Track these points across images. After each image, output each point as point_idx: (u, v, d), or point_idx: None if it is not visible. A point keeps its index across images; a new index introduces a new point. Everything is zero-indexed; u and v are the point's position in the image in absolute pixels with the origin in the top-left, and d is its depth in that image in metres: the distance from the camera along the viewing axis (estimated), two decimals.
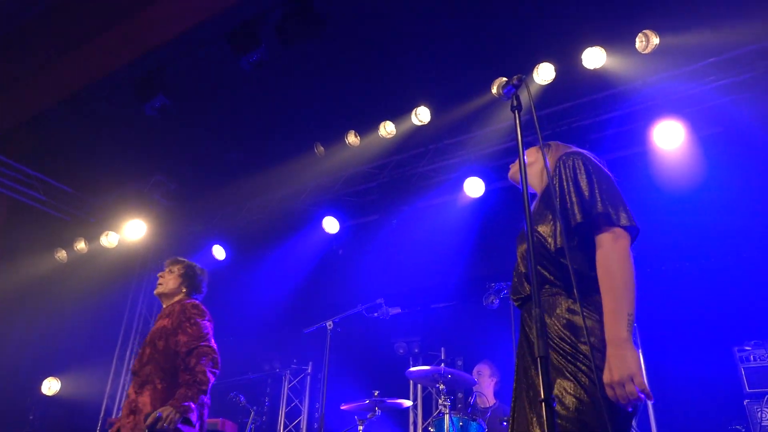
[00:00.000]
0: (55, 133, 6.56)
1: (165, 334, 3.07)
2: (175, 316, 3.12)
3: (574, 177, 1.77)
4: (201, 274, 3.49)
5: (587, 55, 4.96)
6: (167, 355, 2.99)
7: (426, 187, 6.34)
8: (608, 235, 1.67)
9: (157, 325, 3.17)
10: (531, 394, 1.68)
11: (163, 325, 3.11)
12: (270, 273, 7.21)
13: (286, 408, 6.82)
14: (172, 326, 3.07)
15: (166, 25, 5.29)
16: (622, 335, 1.55)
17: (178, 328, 3.06)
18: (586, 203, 1.70)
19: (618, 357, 1.53)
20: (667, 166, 5.12)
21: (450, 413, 4.19)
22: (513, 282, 1.97)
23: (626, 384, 1.49)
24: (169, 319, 3.12)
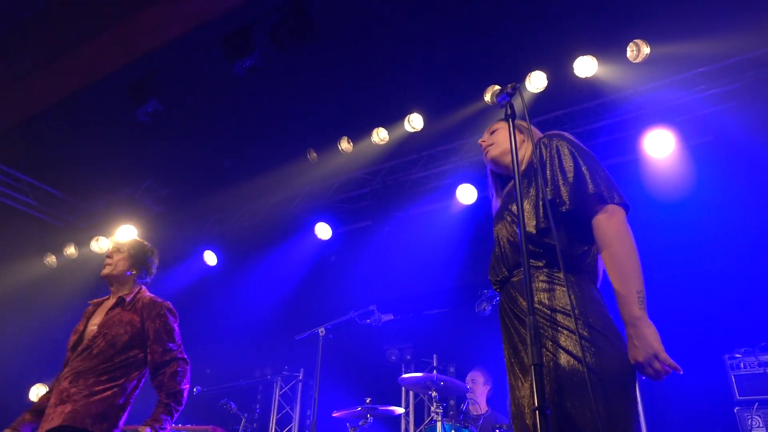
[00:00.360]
0: (46, 137, 6.52)
1: (130, 331, 2.84)
2: (147, 314, 2.90)
3: (559, 159, 1.75)
4: (151, 254, 3.25)
5: (579, 64, 5.00)
6: (124, 352, 2.79)
7: (419, 193, 6.35)
8: (603, 215, 1.66)
9: (110, 315, 2.89)
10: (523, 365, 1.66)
11: (128, 320, 2.86)
12: (262, 279, 7.18)
13: (278, 415, 6.78)
14: (142, 326, 2.86)
15: (159, 30, 5.28)
16: (636, 314, 1.53)
17: (153, 333, 2.85)
18: (575, 185, 1.68)
19: (637, 337, 1.51)
20: (657, 175, 5.16)
21: (442, 420, 4.18)
22: (491, 264, 1.94)
23: (652, 362, 1.48)
24: (133, 315, 2.89)
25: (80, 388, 2.64)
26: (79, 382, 2.67)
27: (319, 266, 7.07)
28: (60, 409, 2.59)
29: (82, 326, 2.93)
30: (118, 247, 3.12)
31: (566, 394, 1.48)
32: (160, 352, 2.81)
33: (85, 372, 2.70)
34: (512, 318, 1.73)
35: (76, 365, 2.73)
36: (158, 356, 2.81)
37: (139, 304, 2.94)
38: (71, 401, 2.60)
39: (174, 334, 2.92)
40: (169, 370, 2.79)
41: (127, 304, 2.93)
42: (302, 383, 6.93)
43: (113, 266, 3.04)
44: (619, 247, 1.60)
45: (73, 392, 2.63)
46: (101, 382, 2.68)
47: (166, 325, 2.91)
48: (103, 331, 2.80)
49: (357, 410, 4.54)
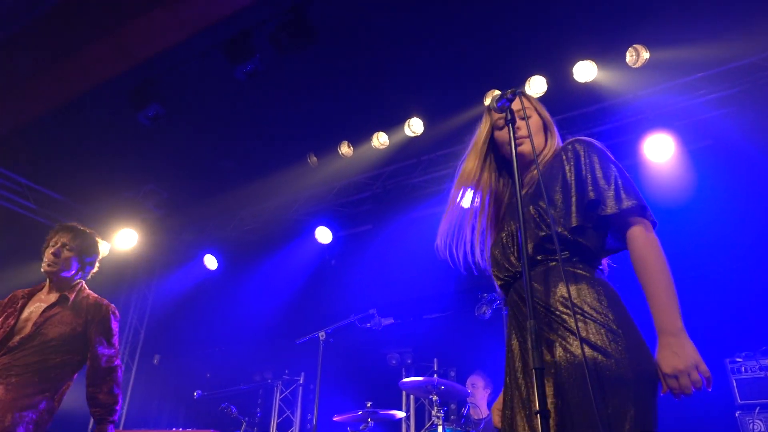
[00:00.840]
0: (47, 141, 6.54)
1: (71, 333, 2.66)
2: (91, 317, 2.73)
3: (601, 163, 1.76)
4: (99, 251, 2.98)
5: (578, 69, 5.02)
6: (60, 355, 2.61)
7: (419, 197, 6.36)
8: (640, 228, 1.67)
9: (49, 314, 2.68)
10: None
11: (69, 321, 2.68)
12: (262, 283, 7.18)
13: (278, 419, 6.77)
14: (85, 329, 2.69)
15: (160, 35, 5.30)
16: (678, 324, 1.53)
17: (96, 337, 2.69)
18: (617, 191, 1.69)
19: (679, 345, 1.50)
20: (657, 179, 5.17)
21: (443, 424, 4.18)
22: (494, 257, 1.89)
23: (692, 372, 1.48)
24: (76, 316, 2.70)
25: (9, 389, 2.45)
26: (9, 381, 2.47)
27: (319, 270, 7.08)
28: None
29: (12, 320, 2.66)
30: (66, 244, 2.81)
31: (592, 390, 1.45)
32: (100, 359, 2.66)
33: (16, 370, 2.50)
34: (520, 320, 1.72)
35: (6, 361, 2.52)
36: (99, 363, 2.66)
37: (83, 304, 2.76)
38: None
39: (113, 339, 2.78)
40: (106, 384, 2.66)
41: (70, 303, 2.74)
42: (303, 387, 6.93)
43: (59, 266, 2.77)
44: (661, 262, 1.64)
45: (1, 392, 2.45)
46: (33, 384, 2.51)
47: (109, 330, 2.76)
48: (42, 330, 2.60)
49: (358, 414, 4.54)
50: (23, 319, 2.67)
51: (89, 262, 2.91)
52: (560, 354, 1.54)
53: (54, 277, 2.79)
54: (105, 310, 2.80)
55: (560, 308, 1.60)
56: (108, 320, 2.77)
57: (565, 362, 1.52)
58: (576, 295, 1.61)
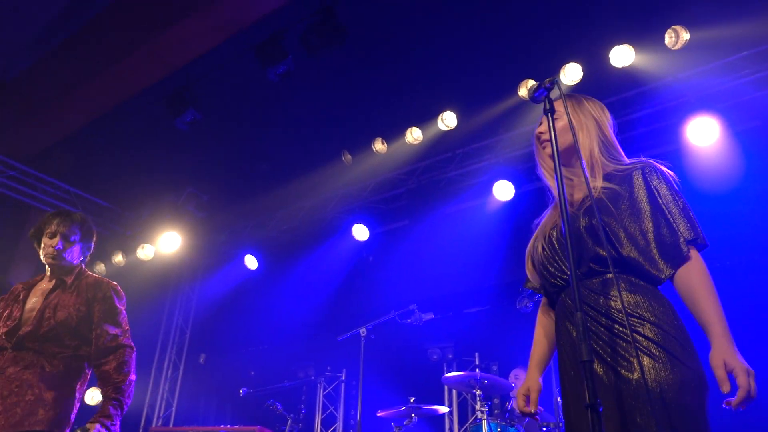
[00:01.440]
0: (91, 150, 6.77)
1: (76, 316, 2.53)
2: (91, 295, 2.61)
3: (672, 196, 1.76)
4: (94, 233, 2.85)
5: (615, 54, 4.90)
6: (68, 339, 2.49)
7: (455, 191, 6.32)
8: (695, 257, 1.67)
9: (49, 300, 2.56)
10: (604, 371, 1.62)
11: (71, 303, 2.56)
12: (302, 281, 7.27)
13: (322, 415, 6.86)
14: (88, 309, 2.57)
15: (194, 42, 5.42)
16: (733, 348, 1.54)
17: (98, 316, 2.56)
18: (687, 226, 1.70)
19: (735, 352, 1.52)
20: (702, 164, 5.00)
21: (488, 419, 4.16)
22: (543, 265, 1.86)
23: (751, 378, 1.47)
24: (76, 297, 2.58)
25: (27, 381, 2.35)
26: (26, 373, 2.37)
27: (357, 267, 7.12)
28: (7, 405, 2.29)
29: (17, 312, 2.56)
30: (67, 235, 2.68)
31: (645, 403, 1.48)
32: (104, 338, 2.51)
33: (31, 362, 2.41)
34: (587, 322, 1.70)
35: (19, 354, 2.42)
36: (103, 341, 2.51)
37: (83, 285, 2.65)
38: (20, 399, 2.30)
39: (119, 318, 2.62)
40: (114, 360, 2.49)
41: (69, 286, 2.62)
42: (345, 384, 6.99)
43: (63, 258, 2.66)
44: (711, 285, 1.64)
45: (19, 387, 2.33)
46: (52, 374, 2.41)
47: (112, 308, 2.61)
48: (46, 316, 2.49)
49: (401, 409, 4.56)
50: (28, 310, 2.56)
51: (88, 247, 2.81)
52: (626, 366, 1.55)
53: (56, 268, 2.68)
54: (105, 287, 2.66)
55: (628, 319, 1.61)
56: (110, 298, 2.63)
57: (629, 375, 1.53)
58: (633, 306, 1.62)
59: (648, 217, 1.70)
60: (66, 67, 6.10)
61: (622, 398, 1.52)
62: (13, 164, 6.76)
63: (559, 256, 1.82)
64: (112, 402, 2.40)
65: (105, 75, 5.90)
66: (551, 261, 1.84)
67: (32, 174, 6.93)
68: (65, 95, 6.24)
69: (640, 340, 1.56)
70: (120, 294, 2.71)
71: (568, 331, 1.73)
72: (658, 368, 1.51)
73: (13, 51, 6.11)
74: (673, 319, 1.61)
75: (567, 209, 1.56)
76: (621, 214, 1.73)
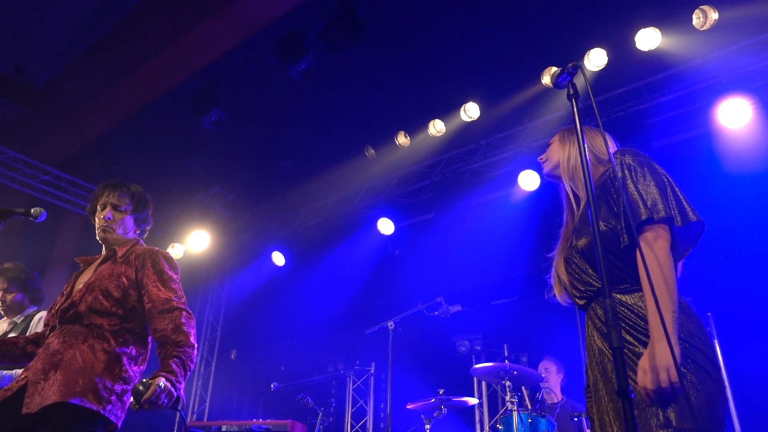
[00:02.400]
0: (119, 152, 6.91)
1: (124, 284, 2.36)
2: (140, 263, 2.42)
3: (644, 177, 1.74)
4: (148, 204, 2.65)
5: (641, 37, 4.80)
6: (119, 311, 2.31)
7: (479, 183, 6.28)
8: (651, 235, 1.66)
9: (99, 271, 2.40)
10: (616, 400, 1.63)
11: (119, 272, 2.38)
12: (329, 276, 7.32)
13: (352, 408, 6.91)
14: (136, 276, 2.39)
15: (217, 41, 5.48)
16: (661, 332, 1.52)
17: (149, 283, 2.37)
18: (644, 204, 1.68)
19: (659, 350, 1.51)
20: (734, 147, 4.87)
21: (518, 410, 4.14)
22: (566, 280, 1.89)
23: (661, 372, 1.48)
24: (126, 267, 2.41)
25: (80, 355, 2.17)
26: (78, 346, 2.20)
27: (384, 261, 7.13)
28: (53, 379, 2.11)
29: (69, 287, 2.46)
30: (117, 205, 2.51)
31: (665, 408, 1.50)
32: (157, 301, 2.32)
33: (82, 335, 2.23)
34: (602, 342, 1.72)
35: (69, 328, 2.27)
36: (155, 305, 2.31)
37: (132, 255, 2.46)
38: (64, 368, 2.13)
39: (172, 284, 2.40)
40: (170, 322, 2.26)
41: (119, 257, 2.45)
42: (374, 377, 7.03)
43: (114, 230, 2.49)
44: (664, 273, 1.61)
45: (67, 357, 2.17)
46: (103, 349, 2.22)
47: (161, 272, 2.40)
48: (95, 287, 2.33)
49: (431, 401, 4.57)
50: (78, 282, 2.45)
51: (143, 219, 2.62)
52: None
53: (109, 241, 2.51)
54: (156, 254, 2.46)
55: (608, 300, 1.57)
56: (159, 263, 2.42)
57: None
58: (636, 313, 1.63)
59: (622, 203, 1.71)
60: (93, 73, 6.23)
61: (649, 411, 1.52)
62: (46, 169, 6.94)
63: (584, 271, 1.82)
64: (174, 359, 2.15)
65: (131, 78, 6.02)
66: (579, 274, 1.85)
67: (64, 178, 7.11)
68: (94, 100, 6.38)
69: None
70: (173, 263, 2.49)
71: (596, 343, 1.75)
72: (685, 380, 1.51)
73: (43, 58, 6.27)
74: (697, 331, 1.60)
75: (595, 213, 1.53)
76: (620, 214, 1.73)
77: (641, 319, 1.63)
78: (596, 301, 1.79)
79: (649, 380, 1.48)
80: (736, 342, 4.44)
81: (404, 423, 5.42)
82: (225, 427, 5.12)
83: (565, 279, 1.91)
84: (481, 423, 6.03)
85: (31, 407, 2.03)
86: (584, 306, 1.85)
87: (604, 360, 1.70)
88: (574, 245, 1.87)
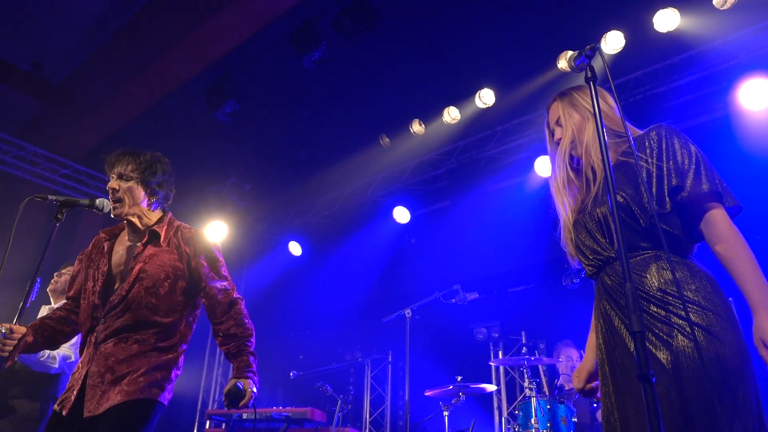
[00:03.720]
0: (136, 145, 6.93)
1: (173, 274, 2.24)
2: (191, 251, 2.31)
3: (682, 147, 1.70)
4: (164, 168, 2.42)
5: (659, 18, 4.71)
6: (164, 301, 2.21)
7: (495, 169, 6.24)
8: (719, 213, 1.64)
9: (145, 256, 2.25)
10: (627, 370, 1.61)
11: (168, 262, 2.25)
12: (345, 265, 7.35)
13: (371, 396, 6.96)
14: (186, 265, 2.29)
15: (231, 32, 5.49)
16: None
17: (201, 270, 2.29)
18: (695, 176, 1.65)
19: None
20: (755, 129, 4.77)
21: (537, 396, 4.14)
22: (580, 248, 1.85)
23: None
24: (169, 252, 2.29)
25: (123, 348, 2.12)
26: (125, 343, 2.14)
27: (400, 249, 7.14)
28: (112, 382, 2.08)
29: (104, 266, 2.28)
30: (123, 174, 2.32)
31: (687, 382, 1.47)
32: (216, 295, 2.30)
33: (126, 327, 2.15)
34: (622, 300, 1.67)
35: (113, 323, 2.16)
36: (216, 299, 2.30)
37: (177, 238, 2.33)
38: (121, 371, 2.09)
39: (222, 270, 2.37)
40: (232, 318, 2.32)
41: (163, 241, 2.30)
42: (392, 365, 7.07)
43: (123, 201, 2.30)
44: (743, 245, 1.60)
45: (121, 357, 2.11)
46: (146, 341, 2.17)
47: (214, 261, 2.35)
48: (141, 276, 2.20)
49: (449, 388, 4.58)
50: (116, 265, 2.28)
51: (157, 184, 2.37)
52: (673, 344, 1.52)
53: (126, 216, 2.32)
54: (203, 240, 2.36)
55: (664, 298, 1.58)
56: (210, 250, 2.35)
57: (675, 354, 1.50)
58: (678, 283, 1.58)
59: (664, 177, 1.67)
60: (110, 67, 6.29)
61: (659, 378, 1.49)
62: (66, 162, 7.04)
63: (593, 237, 1.80)
64: (251, 355, 2.29)
65: (147, 72, 6.06)
66: (589, 241, 1.82)
67: (84, 171, 7.21)
68: (111, 94, 6.45)
69: (675, 320, 1.54)
70: (218, 246, 2.43)
71: (607, 313, 1.72)
72: (692, 347, 1.49)
73: (60, 54, 6.34)
74: (711, 294, 1.57)
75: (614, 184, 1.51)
76: (639, 185, 1.69)
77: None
78: (604, 270, 1.76)
79: None
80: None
81: (422, 410, 5.45)
82: (246, 415, 5.19)
83: (573, 246, 1.90)
84: (499, 410, 6.04)
85: (93, 411, 2.04)
86: (594, 275, 1.83)
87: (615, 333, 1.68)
88: (590, 212, 1.84)
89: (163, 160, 2.44)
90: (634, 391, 1.57)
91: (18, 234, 2.19)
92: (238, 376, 2.19)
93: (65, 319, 2.40)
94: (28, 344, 2.24)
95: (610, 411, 1.66)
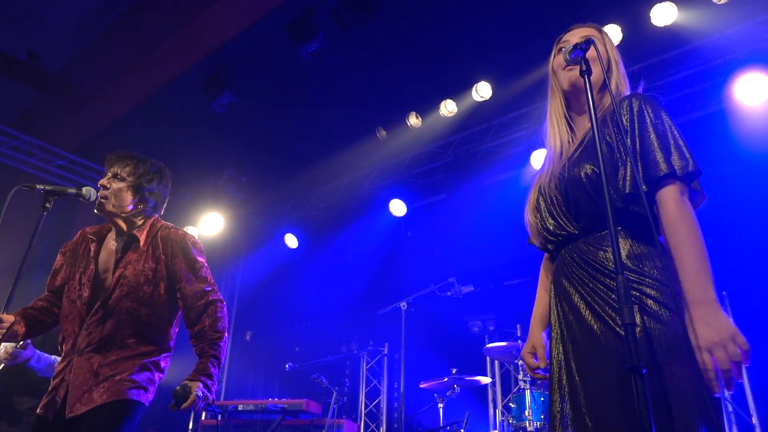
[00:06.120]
0: (132, 136, 6.95)
1: (153, 279, 2.27)
2: (169, 253, 2.33)
3: (655, 122, 1.62)
4: (159, 178, 2.42)
5: (656, 12, 4.71)
6: (150, 307, 2.25)
7: (492, 163, 6.25)
8: (673, 190, 1.53)
9: (125, 260, 2.28)
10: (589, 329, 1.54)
11: (148, 267, 2.28)
12: (341, 258, 7.36)
13: (366, 388, 6.99)
14: (166, 268, 2.31)
15: (228, 22, 5.46)
16: (710, 294, 1.42)
17: (181, 275, 2.31)
18: (664, 155, 1.56)
19: (712, 316, 1.39)
20: (751, 124, 4.79)
21: (531, 389, 4.17)
22: (541, 221, 1.78)
23: (728, 345, 1.35)
24: (148, 256, 2.31)
25: (105, 355, 2.17)
26: (108, 348, 2.18)
27: (396, 242, 7.15)
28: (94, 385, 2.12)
29: (92, 265, 2.30)
30: (118, 174, 2.32)
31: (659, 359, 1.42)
32: (192, 296, 2.31)
33: (108, 332, 2.18)
34: (584, 277, 1.61)
35: (95, 328, 2.18)
36: (191, 302, 2.30)
37: (158, 243, 2.34)
38: (105, 373, 2.14)
39: (203, 271, 2.37)
40: (207, 318, 2.30)
41: (142, 245, 2.31)
42: (387, 357, 7.10)
43: (110, 201, 2.29)
44: (690, 227, 1.49)
45: (104, 362, 2.16)
46: (131, 345, 2.21)
47: (192, 262, 2.35)
48: (122, 281, 2.23)
49: (444, 381, 4.61)
50: (101, 271, 2.31)
51: (149, 192, 2.36)
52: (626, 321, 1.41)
53: (109, 216, 2.33)
54: (183, 240, 2.36)
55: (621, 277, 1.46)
56: (188, 251, 2.35)
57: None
58: (632, 264, 1.53)
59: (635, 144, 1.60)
60: (106, 57, 6.25)
61: (620, 355, 1.45)
62: (61, 153, 7.01)
63: (559, 210, 1.73)
64: (211, 360, 2.24)
65: (144, 62, 6.03)
66: (551, 216, 1.75)
67: (80, 162, 7.18)
68: (107, 85, 6.42)
69: (638, 296, 1.48)
70: (199, 246, 2.42)
71: (565, 290, 1.66)
72: (654, 325, 1.44)
73: (56, 44, 6.30)
74: (669, 271, 1.49)
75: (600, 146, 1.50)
76: (613, 160, 1.62)
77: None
78: (567, 247, 1.69)
79: (721, 358, 1.35)
80: (749, 324, 4.41)
81: (418, 402, 5.48)
82: (241, 407, 5.21)
83: (534, 219, 1.83)
84: (494, 402, 6.08)
85: (76, 411, 2.09)
86: (554, 251, 1.77)
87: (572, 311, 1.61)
88: (556, 184, 1.76)
89: (164, 172, 2.46)
90: (593, 370, 1.52)
91: (11, 224, 2.20)
92: (190, 378, 2.20)
93: (47, 310, 2.43)
94: (18, 334, 2.28)
95: (560, 386, 1.60)
